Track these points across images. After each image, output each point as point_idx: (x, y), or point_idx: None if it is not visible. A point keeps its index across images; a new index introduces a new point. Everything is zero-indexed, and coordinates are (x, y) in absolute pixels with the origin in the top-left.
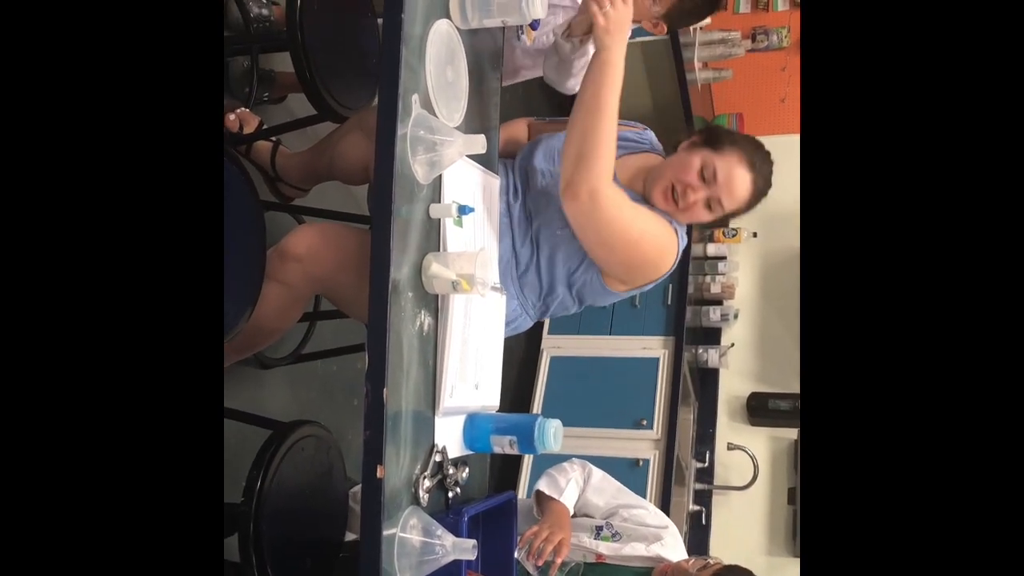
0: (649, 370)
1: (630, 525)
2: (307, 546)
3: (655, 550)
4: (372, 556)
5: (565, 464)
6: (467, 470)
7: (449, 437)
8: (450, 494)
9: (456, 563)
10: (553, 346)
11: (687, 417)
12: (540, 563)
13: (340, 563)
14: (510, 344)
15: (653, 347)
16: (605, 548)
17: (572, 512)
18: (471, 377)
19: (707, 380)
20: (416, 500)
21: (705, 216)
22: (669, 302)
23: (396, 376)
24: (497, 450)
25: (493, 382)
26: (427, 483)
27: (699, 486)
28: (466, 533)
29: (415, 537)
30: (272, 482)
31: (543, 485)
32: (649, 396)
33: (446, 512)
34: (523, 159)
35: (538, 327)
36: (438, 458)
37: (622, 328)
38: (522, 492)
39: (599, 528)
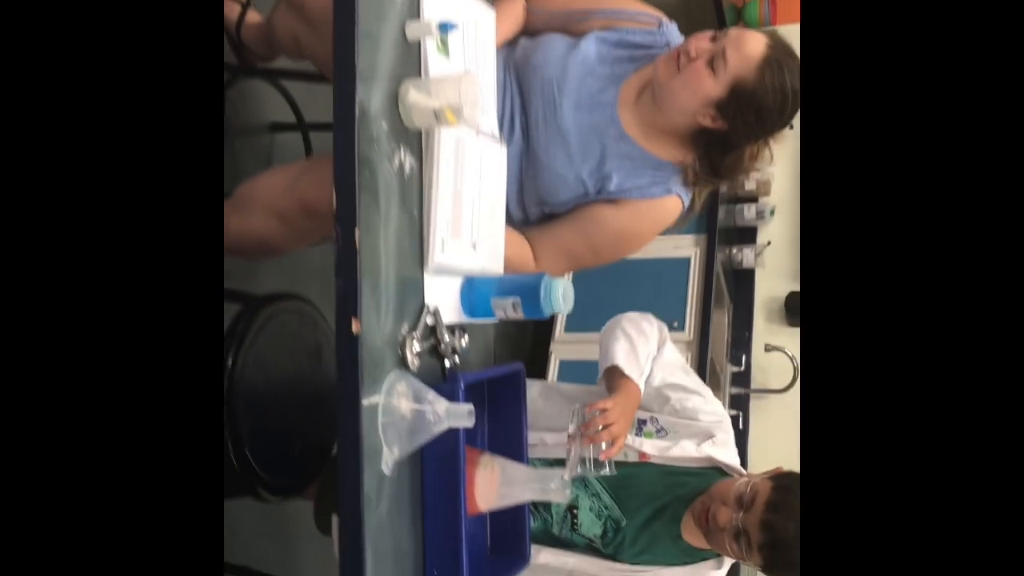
0: (680, 271)
1: (680, 420)
2: (295, 434)
3: (706, 450)
4: (350, 425)
5: (644, 322)
6: (466, 337)
7: (444, 301)
8: (447, 363)
9: (454, 438)
10: None
11: (721, 320)
12: (590, 446)
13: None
14: None
15: (684, 246)
16: (650, 446)
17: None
18: (467, 234)
19: (742, 281)
20: (404, 364)
21: (707, 80)
22: None
23: (371, 217)
24: (500, 315)
25: (495, 245)
26: (416, 346)
27: (735, 390)
28: (463, 400)
29: (403, 403)
30: (246, 358)
31: (621, 355)
32: (680, 298)
33: (442, 383)
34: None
35: None
36: (430, 320)
37: None
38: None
39: (641, 423)
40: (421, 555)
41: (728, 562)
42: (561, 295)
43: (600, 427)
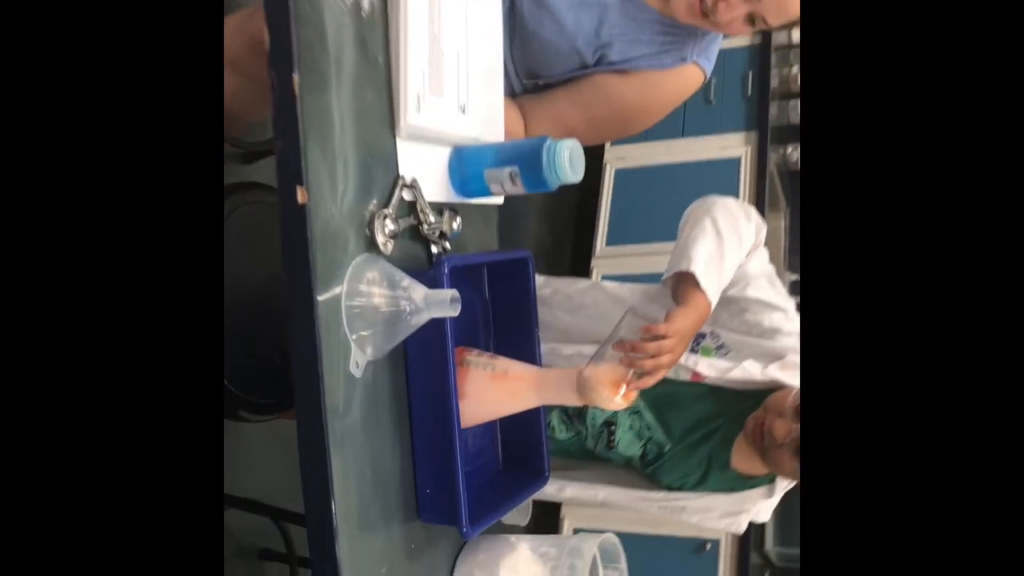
0: (729, 172)
1: (750, 338)
2: (273, 344)
3: (772, 374)
4: (302, 316)
5: (742, 218)
6: (459, 220)
7: (426, 174)
8: (433, 248)
9: (439, 333)
10: (617, 157)
11: (777, 225)
12: (632, 380)
13: None
14: None
15: (733, 145)
16: (706, 367)
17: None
18: (452, 93)
19: (799, 183)
20: (374, 246)
21: (745, 30)
22: (749, 93)
23: (316, 61)
24: (496, 190)
25: (492, 112)
26: (390, 225)
27: (795, 299)
28: (449, 283)
29: (375, 292)
30: None
31: (702, 260)
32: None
33: (427, 270)
34: None
35: None
36: (408, 195)
37: (696, 128)
38: None
39: (700, 337)
40: (411, 471)
41: (781, 489)
42: (568, 160)
43: (649, 354)
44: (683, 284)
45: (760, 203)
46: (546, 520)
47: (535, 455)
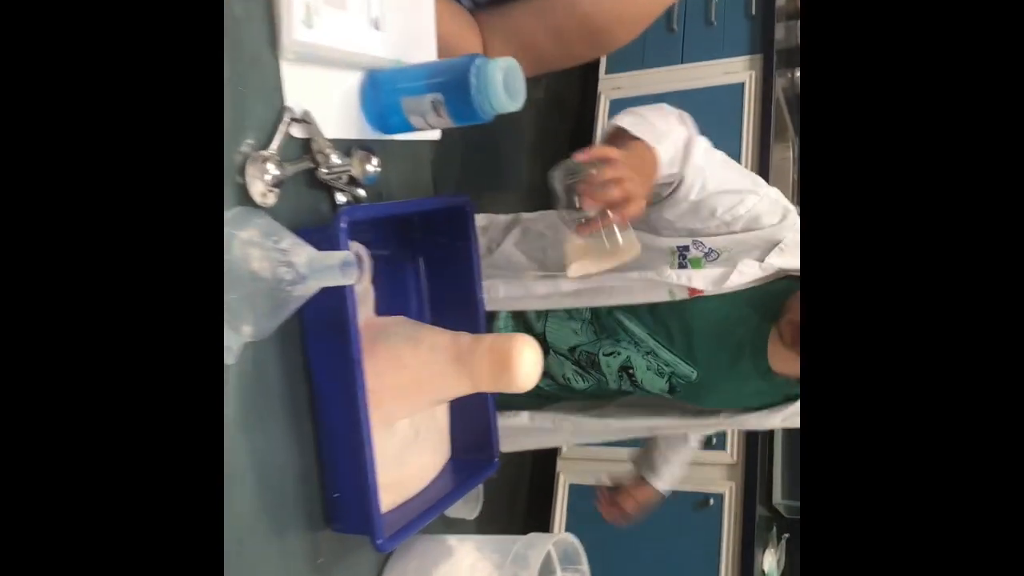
0: (733, 99)
1: (735, 235)
2: None
3: (773, 263)
4: None
5: (663, 104)
6: (374, 160)
7: (327, 105)
8: (341, 199)
9: (338, 304)
10: (613, 87)
11: (785, 156)
12: (587, 206)
13: None
14: (555, 97)
15: (736, 70)
16: (701, 280)
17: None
18: (359, 4)
19: None
20: (249, 199)
21: None
22: (754, 13)
23: None
24: (417, 123)
25: (419, 26)
26: (272, 170)
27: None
28: (344, 243)
29: (253, 256)
30: None
31: (626, 121)
32: (735, 129)
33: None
34: None
35: (592, 67)
36: (299, 132)
37: (696, 53)
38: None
39: (682, 251)
40: (315, 470)
41: None
42: (502, 83)
43: (607, 181)
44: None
45: (765, 132)
46: (542, 475)
47: (483, 439)
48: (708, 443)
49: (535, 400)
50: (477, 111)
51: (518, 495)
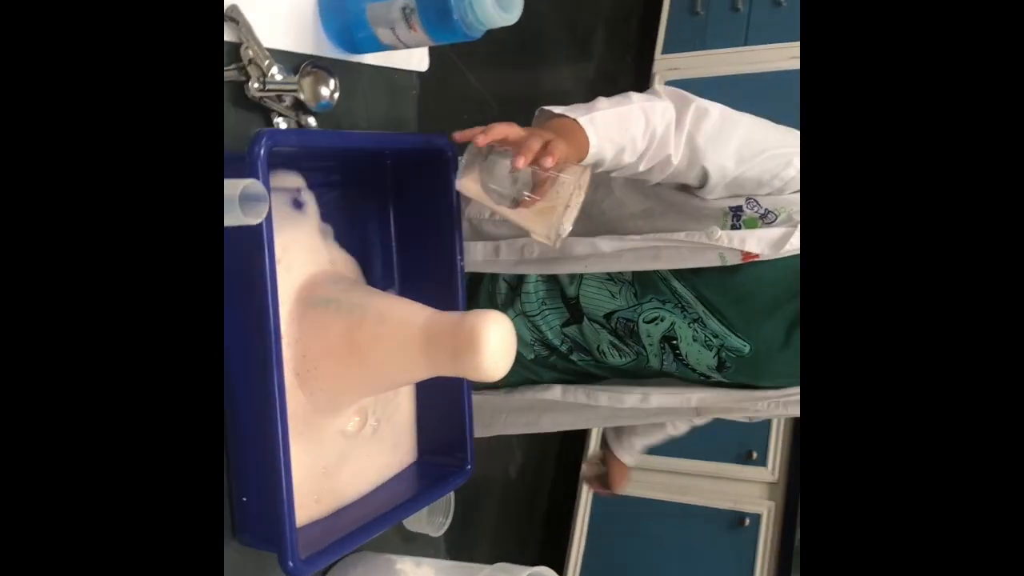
0: (797, 85)
1: (791, 198)
2: None
3: None
4: None
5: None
6: (332, 83)
7: (270, 4)
8: (281, 124)
9: (251, 249)
10: (669, 68)
11: None
12: (520, 164)
13: None
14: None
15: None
16: (755, 242)
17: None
18: None
19: None
20: None
21: None
22: None
23: None
24: (386, 39)
25: None
26: None
27: None
28: (263, 175)
29: None
30: None
31: (561, 109)
32: (798, 118)
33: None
34: None
35: (648, 46)
36: (224, 33)
37: (761, 35)
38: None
39: (735, 211)
40: (224, 464)
41: None
42: None
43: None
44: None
45: None
46: (564, 483)
47: (456, 439)
48: (747, 458)
49: (570, 376)
50: (458, 24)
51: (537, 503)
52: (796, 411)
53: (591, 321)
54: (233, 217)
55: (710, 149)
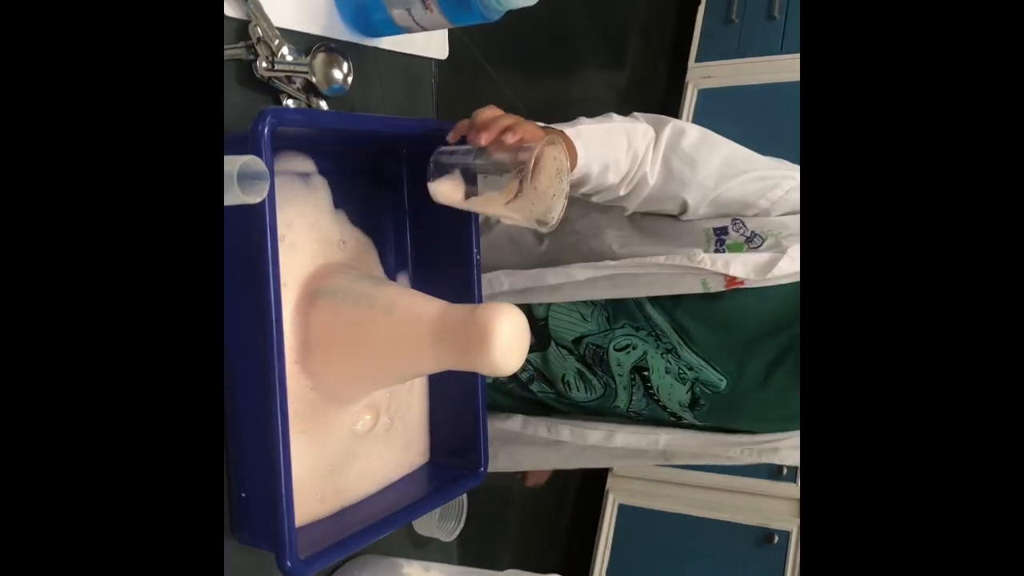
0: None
1: (782, 218)
2: None
3: None
4: None
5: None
6: (345, 66)
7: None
8: (290, 104)
9: (254, 235)
10: (703, 76)
11: None
12: (484, 140)
13: None
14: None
15: None
16: (741, 267)
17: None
18: None
19: None
20: None
21: None
22: None
23: None
24: (403, 21)
25: None
26: None
27: None
28: (266, 154)
29: None
30: None
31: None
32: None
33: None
34: None
35: (682, 53)
36: (231, 9)
37: (797, 44)
38: None
39: (720, 233)
40: (224, 457)
41: None
42: None
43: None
44: None
45: None
46: (588, 494)
47: (469, 441)
48: (777, 473)
49: (527, 407)
50: (475, 4)
51: (560, 515)
52: (774, 458)
53: (559, 347)
54: (232, 195)
55: (687, 169)
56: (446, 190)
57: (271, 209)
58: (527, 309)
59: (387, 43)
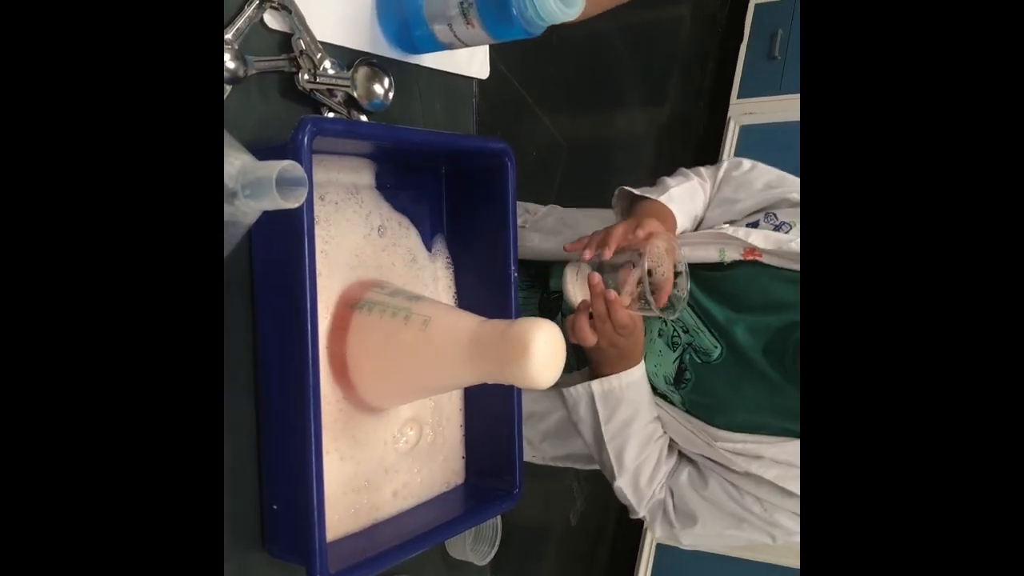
0: None
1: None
2: None
3: None
4: None
5: (686, 170)
6: (387, 81)
7: (331, 3)
8: (328, 115)
9: (291, 238)
10: (744, 112)
11: None
12: (604, 254)
13: None
14: (680, 119)
15: None
16: (761, 238)
17: (686, 226)
18: None
19: None
20: None
21: None
22: None
23: None
24: (444, 38)
25: None
26: (225, 61)
27: None
28: (306, 162)
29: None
30: None
31: (635, 189)
32: None
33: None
34: None
35: (724, 90)
36: (274, 22)
37: None
38: None
39: (751, 226)
40: (255, 470)
41: None
42: None
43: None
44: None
45: None
46: (627, 532)
47: (504, 461)
48: None
49: None
50: (517, 19)
51: (598, 553)
52: (751, 465)
53: (564, 316)
54: (270, 200)
55: (733, 192)
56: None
57: (309, 217)
58: (540, 288)
59: (429, 61)
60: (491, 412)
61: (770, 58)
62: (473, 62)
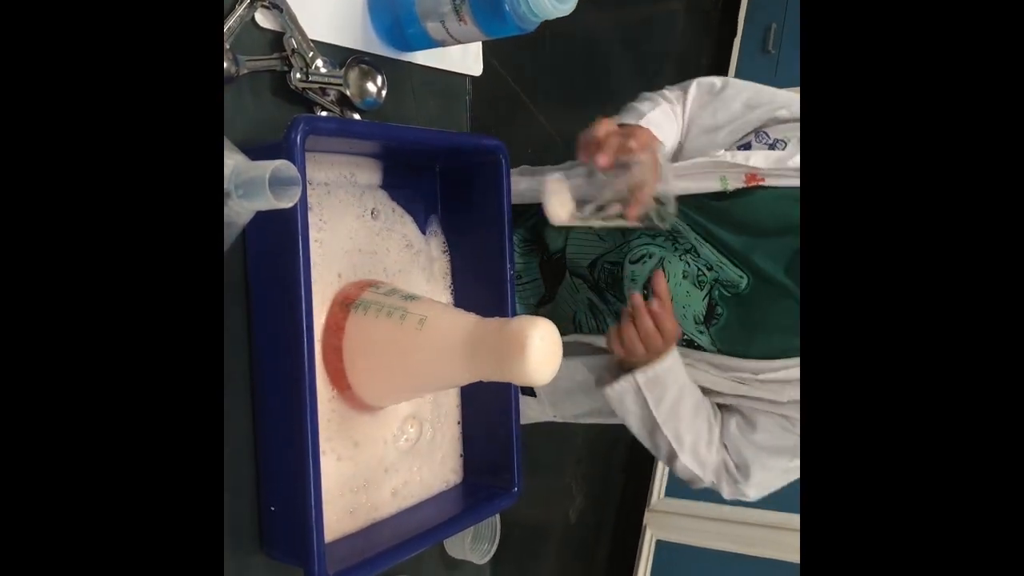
0: None
1: (796, 124)
2: None
3: None
4: None
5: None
6: (379, 79)
7: (320, 3)
8: (321, 114)
9: (285, 239)
10: None
11: None
12: (603, 161)
13: None
14: None
15: None
16: (761, 158)
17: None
18: None
19: None
20: None
21: None
22: None
23: None
24: (436, 34)
25: None
26: (227, 68)
27: None
28: (299, 162)
29: None
30: None
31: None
32: None
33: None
34: None
35: None
36: (266, 21)
37: None
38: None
39: (743, 148)
40: (252, 472)
41: None
42: None
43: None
44: None
45: None
46: (626, 529)
47: (503, 459)
48: None
49: None
50: (509, 15)
51: (598, 551)
52: (781, 394)
53: (573, 277)
54: (264, 200)
55: (711, 117)
56: (565, 215)
57: (303, 216)
58: (541, 251)
59: (422, 58)
60: (488, 409)
61: (764, 52)
62: (466, 59)
